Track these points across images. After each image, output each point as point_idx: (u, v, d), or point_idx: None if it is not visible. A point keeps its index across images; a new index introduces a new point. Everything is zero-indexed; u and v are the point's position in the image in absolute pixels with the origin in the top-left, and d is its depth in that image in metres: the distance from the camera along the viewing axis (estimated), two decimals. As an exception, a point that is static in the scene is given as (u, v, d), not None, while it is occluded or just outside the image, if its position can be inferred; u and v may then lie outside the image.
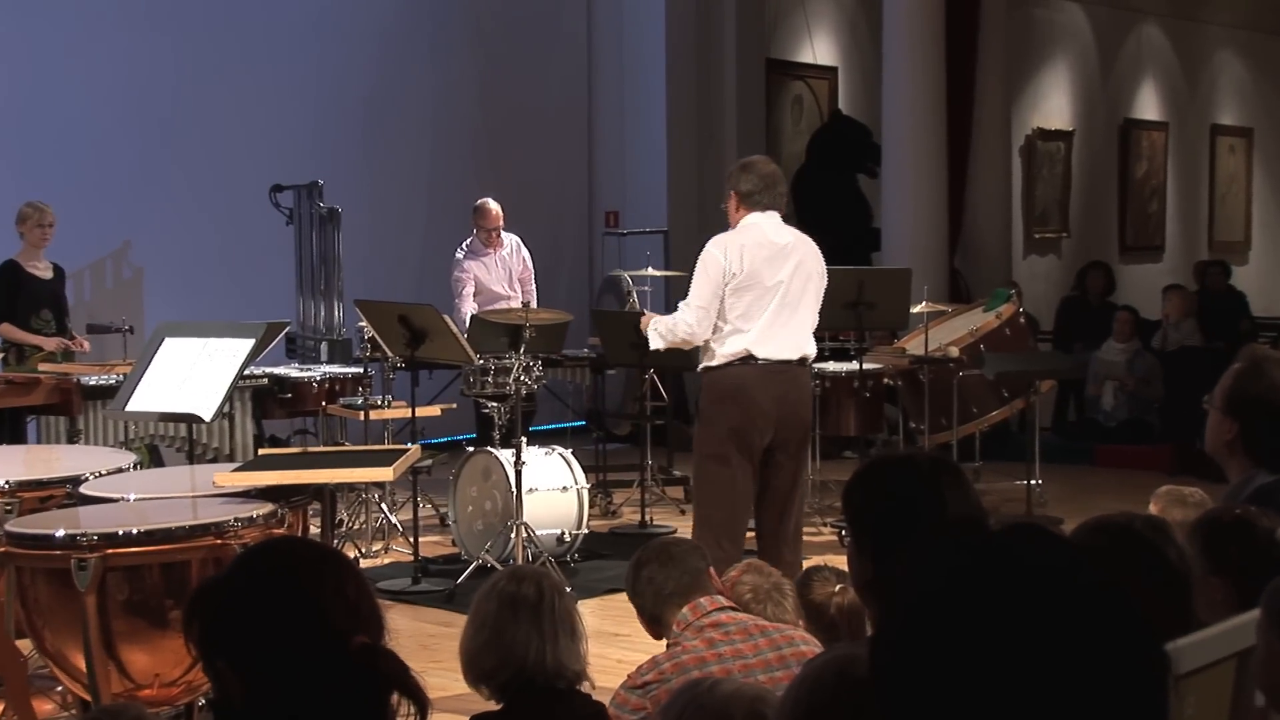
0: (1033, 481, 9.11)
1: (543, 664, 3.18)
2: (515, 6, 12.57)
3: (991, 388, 9.36)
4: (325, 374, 8.66)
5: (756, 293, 6.05)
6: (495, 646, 3.19)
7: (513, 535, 7.24)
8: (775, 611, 3.83)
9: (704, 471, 6.20)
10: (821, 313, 6.32)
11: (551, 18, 12.87)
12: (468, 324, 8.71)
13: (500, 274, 9.90)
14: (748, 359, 6.05)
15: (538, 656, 3.17)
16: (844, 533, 7.73)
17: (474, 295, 9.79)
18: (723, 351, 6.09)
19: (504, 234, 9.91)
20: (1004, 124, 13.61)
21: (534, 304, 8.59)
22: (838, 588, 3.75)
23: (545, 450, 7.89)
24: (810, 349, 6.21)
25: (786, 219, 6.25)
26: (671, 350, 6.37)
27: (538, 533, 7.36)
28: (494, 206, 9.83)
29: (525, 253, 10.03)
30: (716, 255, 6.07)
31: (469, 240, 9.91)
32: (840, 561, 3.41)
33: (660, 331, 6.21)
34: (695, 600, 3.65)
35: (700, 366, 6.23)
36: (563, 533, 7.69)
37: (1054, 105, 16.09)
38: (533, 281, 10.01)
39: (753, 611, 3.78)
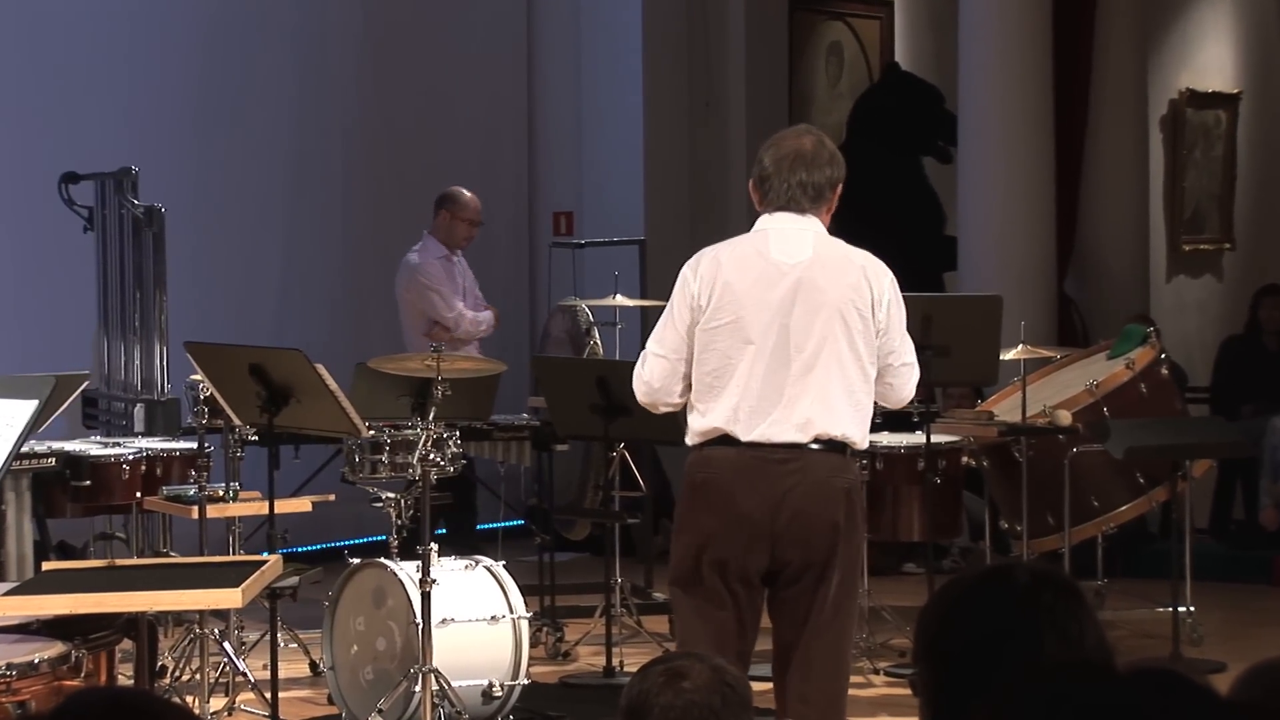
0: (1182, 609, 9.12)
1: None
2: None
3: (1121, 470, 9.37)
4: (141, 451, 8.64)
5: (736, 338, 5.90)
6: None
7: (417, 688, 7.23)
8: None
9: (673, 602, 6.28)
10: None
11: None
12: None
13: (460, 289, 10.41)
14: (723, 439, 5.89)
15: None
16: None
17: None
18: (694, 427, 5.98)
19: None
20: (1138, 85, 13.65)
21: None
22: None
23: (466, 563, 7.89)
24: (833, 426, 5.87)
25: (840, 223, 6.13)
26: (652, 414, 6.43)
27: (454, 684, 7.36)
28: (470, 194, 10.42)
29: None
30: (685, 278, 6.01)
31: (419, 245, 10.46)
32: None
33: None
34: None
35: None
36: (491, 684, 7.67)
37: (1211, 58, 16.15)
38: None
39: None
